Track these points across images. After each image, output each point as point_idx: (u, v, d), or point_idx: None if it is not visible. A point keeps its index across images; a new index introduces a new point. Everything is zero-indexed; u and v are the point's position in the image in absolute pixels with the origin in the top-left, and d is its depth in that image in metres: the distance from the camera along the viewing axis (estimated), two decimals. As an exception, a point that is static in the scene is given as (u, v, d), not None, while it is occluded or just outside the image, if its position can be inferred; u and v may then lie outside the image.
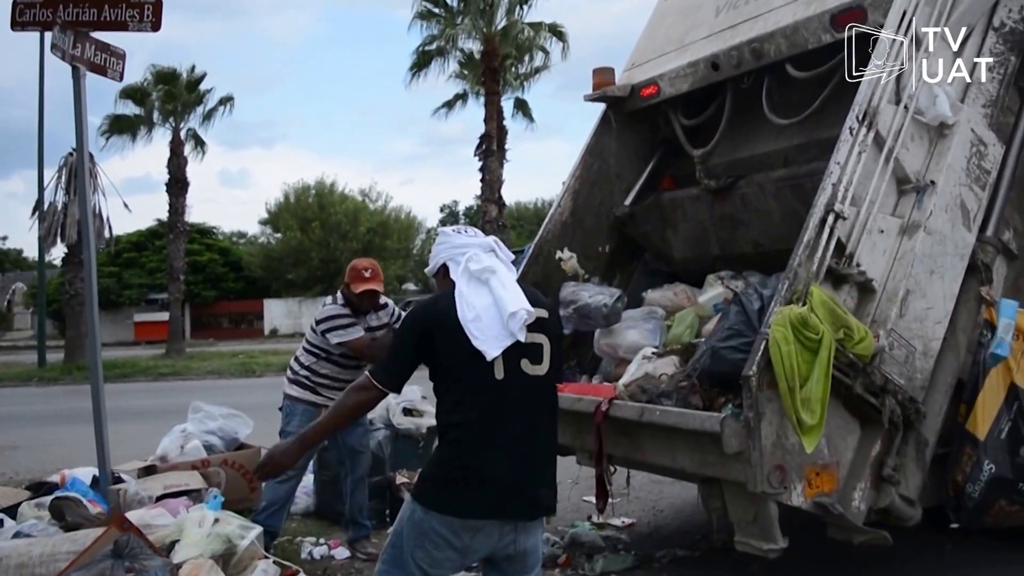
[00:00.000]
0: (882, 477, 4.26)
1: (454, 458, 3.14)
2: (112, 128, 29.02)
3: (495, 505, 3.09)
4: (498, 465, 3.09)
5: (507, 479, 3.09)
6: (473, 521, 3.09)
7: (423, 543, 3.11)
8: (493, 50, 25.59)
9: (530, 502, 3.17)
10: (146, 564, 3.56)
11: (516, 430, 3.15)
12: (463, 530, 3.10)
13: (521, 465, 3.13)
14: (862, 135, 4.37)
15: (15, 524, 4.75)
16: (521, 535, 3.18)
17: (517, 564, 3.24)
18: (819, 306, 3.98)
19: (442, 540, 3.10)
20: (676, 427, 4.34)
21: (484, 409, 3.12)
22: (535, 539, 3.26)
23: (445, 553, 3.12)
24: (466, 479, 3.09)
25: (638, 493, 7.65)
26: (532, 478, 3.17)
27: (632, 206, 6.61)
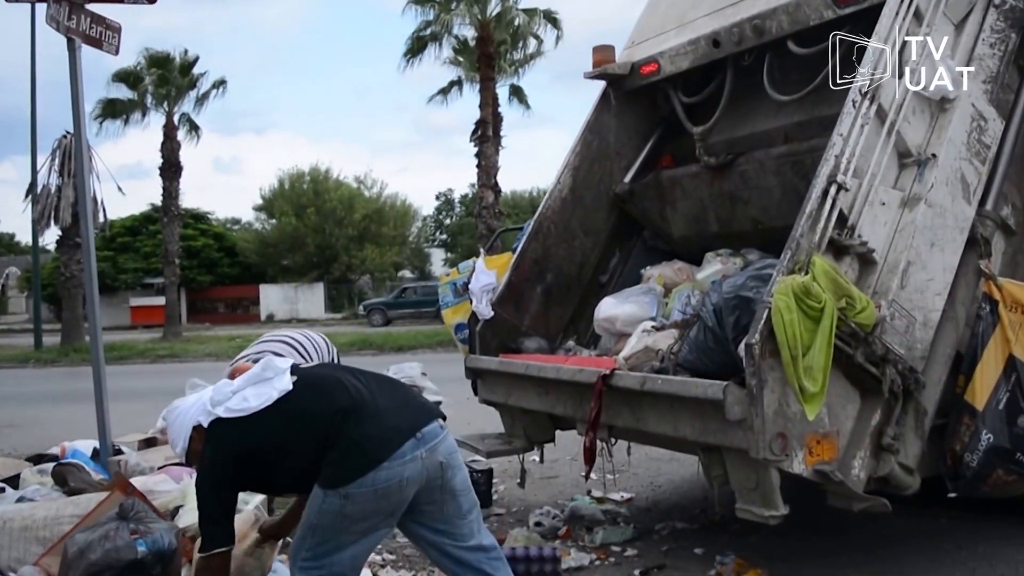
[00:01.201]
0: (881, 446, 4.28)
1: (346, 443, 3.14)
2: (105, 112, 29.03)
3: (399, 429, 3.16)
4: (378, 411, 3.20)
5: (390, 413, 3.21)
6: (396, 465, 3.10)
7: (351, 524, 3.14)
8: (488, 36, 25.56)
9: (418, 411, 3.30)
10: (151, 527, 3.57)
11: (358, 381, 3.31)
12: (391, 493, 3.12)
13: (391, 401, 3.28)
14: (864, 108, 4.39)
15: (18, 491, 4.76)
16: (447, 471, 3.26)
17: (451, 505, 3.31)
18: (821, 275, 4.00)
19: (371, 512, 3.14)
20: (678, 395, 4.38)
21: (323, 399, 3.22)
22: (463, 475, 3.36)
23: (376, 519, 3.18)
24: (364, 434, 3.14)
25: (636, 469, 7.71)
26: (405, 402, 3.34)
27: (631, 183, 6.63)
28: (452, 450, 3.33)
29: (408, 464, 3.13)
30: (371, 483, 3.08)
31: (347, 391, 3.24)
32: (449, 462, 3.28)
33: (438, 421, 3.31)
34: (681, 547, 5.50)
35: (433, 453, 3.20)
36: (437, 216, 65.65)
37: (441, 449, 3.24)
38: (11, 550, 3.90)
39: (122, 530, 3.50)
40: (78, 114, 5.93)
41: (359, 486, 3.07)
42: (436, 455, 3.22)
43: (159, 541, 3.50)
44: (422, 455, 3.16)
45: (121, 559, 3.40)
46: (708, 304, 4.66)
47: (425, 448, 3.18)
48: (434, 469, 3.21)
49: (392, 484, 3.11)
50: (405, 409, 3.29)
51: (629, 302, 5.90)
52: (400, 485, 3.13)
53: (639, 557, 5.36)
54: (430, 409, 3.39)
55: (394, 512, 3.22)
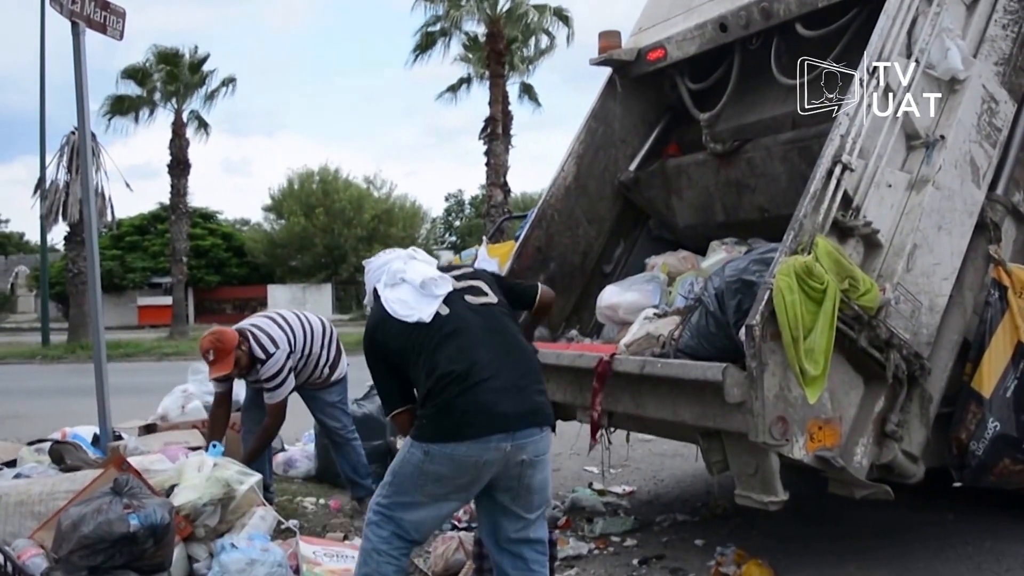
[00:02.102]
0: (885, 433, 4.22)
1: (445, 396, 3.24)
2: (114, 109, 28.93)
3: (496, 420, 3.22)
4: (490, 385, 3.24)
5: (501, 393, 3.24)
6: (476, 447, 3.19)
7: (426, 482, 3.26)
8: (498, 32, 25.50)
9: (529, 410, 3.31)
10: (145, 502, 3.55)
11: (495, 349, 3.34)
12: (467, 468, 3.22)
13: (512, 379, 3.30)
14: (871, 87, 4.33)
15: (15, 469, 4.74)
16: (528, 469, 3.31)
17: (522, 500, 3.38)
18: (824, 256, 3.94)
19: (446, 480, 3.25)
20: (677, 378, 4.32)
21: (450, 350, 3.30)
22: (543, 476, 3.41)
23: (448, 489, 3.29)
24: (462, 405, 3.21)
25: (639, 464, 7.68)
26: (521, 390, 3.32)
27: (636, 172, 6.57)
28: (540, 452, 3.36)
29: (490, 450, 3.21)
30: (450, 451, 3.20)
31: (476, 356, 3.30)
32: (532, 461, 3.32)
33: (541, 428, 3.36)
34: (681, 538, 5.45)
35: (519, 450, 3.27)
36: (447, 218, 65.66)
37: (529, 448, 3.30)
38: (7, 524, 3.91)
39: (115, 504, 3.47)
40: (82, 99, 5.89)
41: (441, 449, 3.20)
42: (521, 452, 3.28)
43: (152, 516, 3.47)
44: (507, 447, 3.24)
45: (113, 532, 3.37)
46: (710, 288, 4.59)
47: (512, 443, 3.25)
48: (515, 463, 3.29)
49: (469, 461, 3.21)
50: (517, 401, 3.30)
51: (632, 290, 5.84)
52: (476, 464, 3.22)
53: (638, 547, 5.31)
54: (539, 413, 3.38)
55: (468, 487, 3.31)
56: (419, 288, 3.45)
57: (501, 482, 3.34)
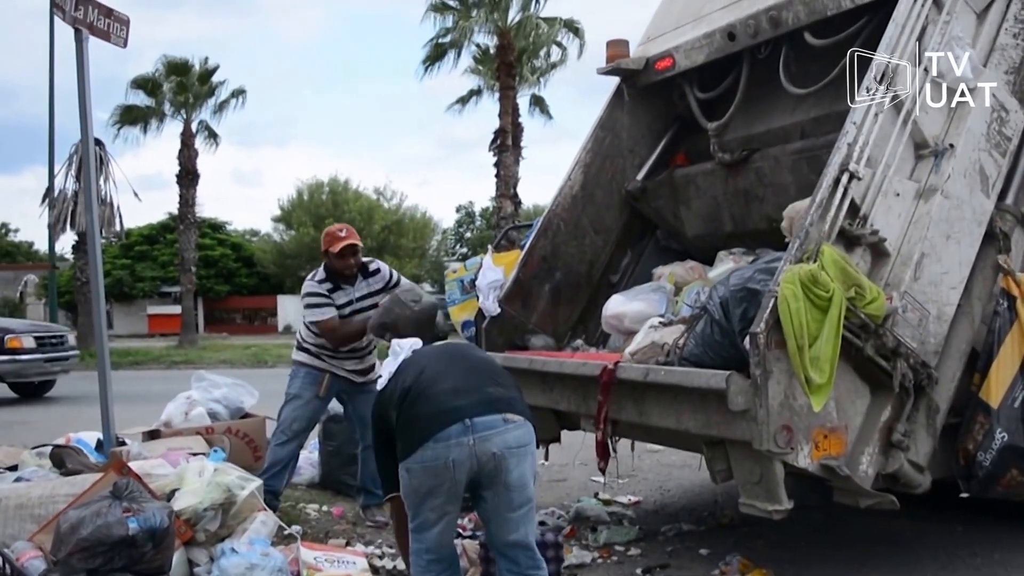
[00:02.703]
0: (891, 442, 4.17)
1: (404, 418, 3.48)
2: (123, 119, 29.07)
3: (445, 412, 3.37)
4: (436, 393, 3.46)
5: (447, 395, 3.45)
6: (441, 447, 3.32)
7: (420, 500, 3.43)
8: (508, 44, 25.57)
9: (479, 400, 3.45)
10: (144, 506, 3.53)
11: (439, 365, 3.64)
12: (437, 472, 3.35)
13: (456, 383, 3.52)
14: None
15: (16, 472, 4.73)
16: (502, 463, 3.39)
17: (502, 498, 3.46)
18: (830, 264, 3.91)
19: (428, 490, 3.39)
20: (681, 386, 4.29)
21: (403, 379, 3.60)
22: (519, 472, 3.46)
23: (437, 500, 3.41)
24: (416, 414, 3.44)
25: (645, 474, 7.66)
26: (472, 386, 3.52)
27: (644, 181, 6.55)
28: (511, 444, 3.43)
29: (453, 447, 3.33)
30: (420, 460, 3.35)
31: (420, 373, 3.56)
32: (504, 455, 3.39)
33: (502, 415, 3.45)
34: (686, 548, 5.41)
35: (485, 443, 3.36)
36: (457, 229, 65.66)
37: (496, 441, 3.38)
38: (6, 527, 3.90)
39: (114, 507, 3.46)
40: (84, 106, 5.87)
41: (413, 461, 3.37)
42: (489, 445, 3.37)
43: (151, 519, 3.46)
44: (470, 442, 3.34)
45: (112, 535, 3.36)
46: (715, 297, 4.56)
47: (475, 436, 3.35)
48: (486, 459, 3.37)
49: (439, 464, 3.33)
50: (468, 396, 3.46)
51: (638, 299, 5.81)
52: (446, 466, 3.33)
53: (643, 557, 5.28)
54: (496, 401, 3.50)
55: (453, 492, 3.41)
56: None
57: (483, 481, 3.43)
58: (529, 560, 3.56)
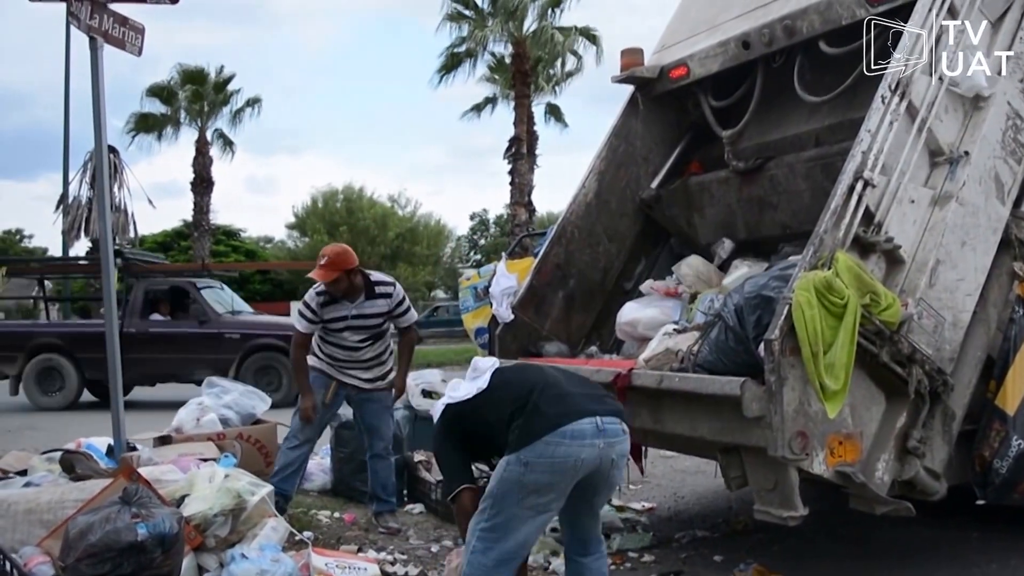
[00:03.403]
0: (907, 449, 4.15)
1: (533, 407, 3.46)
2: (138, 126, 29.20)
3: (583, 409, 3.43)
4: (565, 391, 3.53)
5: (576, 396, 3.52)
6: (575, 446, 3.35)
7: (526, 496, 3.37)
8: (523, 53, 25.60)
9: (607, 405, 3.56)
10: (153, 511, 3.51)
11: (552, 373, 3.70)
12: (565, 470, 3.36)
13: (580, 387, 3.64)
14: (894, 104, 4.28)
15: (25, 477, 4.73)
16: (615, 469, 3.55)
17: (601, 494, 3.66)
18: (845, 271, 3.89)
19: (545, 485, 3.36)
20: (695, 393, 4.27)
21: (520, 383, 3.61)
22: (621, 474, 3.70)
23: (548, 496, 3.40)
24: (551, 406, 3.44)
25: (659, 480, 7.63)
26: (599, 391, 3.70)
27: (658, 189, 6.53)
28: (622, 454, 3.58)
29: (586, 447, 3.37)
30: (548, 455, 3.32)
31: (542, 373, 3.68)
32: (618, 463, 3.55)
33: (621, 424, 3.55)
34: (701, 554, 5.37)
35: (610, 448, 3.46)
36: (471, 237, 65.65)
37: (617, 448, 3.51)
38: (15, 532, 3.89)
39: (123, 513, 3.45)
40: (99, 114, 5.89)
41: (537, 454, 3.32)
42: (611, 451, 3.47)
43: (160, 525, 3.44)
44: (600, 444, 3.41)
45: (121, 541, 3.34)
46: (729, 304, 4.54)
47: (604, 440, 3.43)
48: (606, 463, 3.47)
49: (568, 461, 3.35)
50: (594, 400, 3.56)
51: (652, 306, 5.81)
52: (575, 465, 3.36)
53: (656, 563, 5.24)
54: (616, 409, 3.61)
55: (565, 491, 3.44)
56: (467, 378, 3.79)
57: (590, 482, 3.49)
58: (597, 544, 3.76)
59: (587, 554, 3.74)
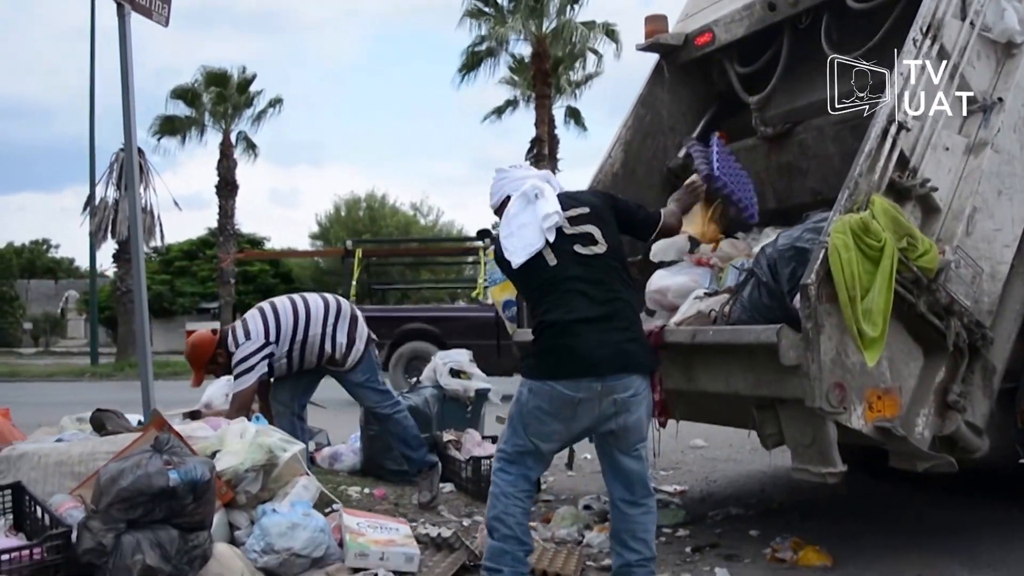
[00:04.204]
0: (947, 404, 4.08)
1: (546, 340, 3.62)
2: (163, 129, 29.36)
3: (585, 364, 3.49)
4: (582, 333, 3.53)
5: (592, 341, 3.52)
6: (570, 386, 3.50)
7: (531, 421, 3.59)
8: (544, 51, 25.55)
9: (616, 356, 3.53)
10: (185, 459, 3.48)
11: (591, 300, 3.59)
12: (564, 404, 3.52)
13: (604, 328, 3.55)
14: (926, 47, 4.21)
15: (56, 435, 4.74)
16: (623, 412, 3.56)
17: (621, 440, 3.64)
18: (881, 214, 3.82)
19: (547, 415, 3.56)
20: (730, 344, 4.21)
21: (554, 298, 3.62)
22: (638, 416, 3.62)
23: (551, 427, 3.59)
24: (558, 348, 3.55)
25: (690, 467, 7.54)
26: (616, 336, 3.57)
27: (685, 158, 6.45)
28: (632, 393, 3.57)
29: (582, 389, 3.50)
30: (548, 389, 3.53)
31: (573, 307, 3.58)
32: (625, 402, 3.55)
33: (632, 375, 3.57)
34: (736, 529, 5.29)
35: (610, 390, 3.52)
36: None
37: (619, 389, 3.54)
38: (46, 484, 3.88)
39: (155, 459, 3.41)
40: (127, 84, 5.89)
41: (540, 385, 3.55)
42: (612, 393, 3.53)
43: (192, 472, 3.40)
44: (598, 388, 3.51)
45: (152, 485, 3.30)
46: (762, 259, 4.47)
47: (603, 384, 3.51)
48: (608, 403, 3.53)
49: (565, 397, 3.52)
50: (604, 349, 3.54)
51: (682, 274, 5.71)
52: (572, 401, 3.52)
53: (691, 538, 5.16)
54: (629, 359, 3.59)
55: (567, 424, 3.58)
56: (539, 225, 3.71)
57: (600, 426, 3.59)
58: (643, 489, 3.73)
59: (634, 504, 3.71)
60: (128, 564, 3.17)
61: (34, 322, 50.99)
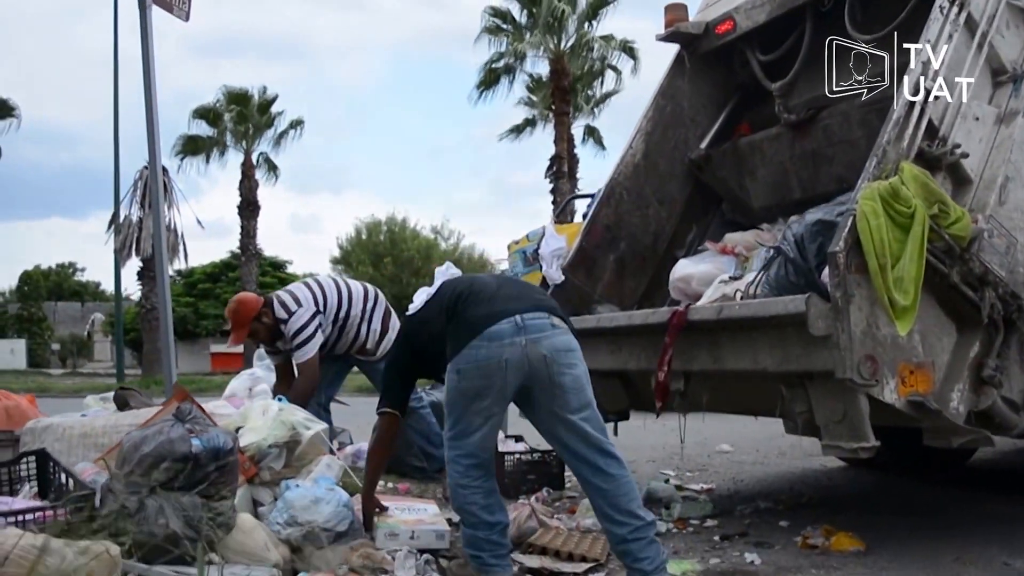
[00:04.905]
0: (982, 379, 3.99)
1: (457, 319, 3.61)
2: (185, 149, 29.55)
3: (498, 308, 3.51)
4: (489, 297, 3.61)
5: (499, 294, 3.62)
6: (494, 346, 3.43)
7: (467, 401, 3.52)
8: (562, 68, 25.57)
9: (527, 302, 3.59)
10: (208, 428, 3.46)
11: (490, 279, 3.81)
12: (493, 371, 3.45)
13: (508, 292, 3.68)
14: (953, 15, 4.15)
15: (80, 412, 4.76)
16: (554, 367, 3.47)
17: (560, 401, 3.51)
18: (911, 180, 3.75)
19: (481, 390, 3.49)
20: (757, 318, 4.13)
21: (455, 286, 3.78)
22: (573, 375, 3.52)
23: (485, 402, 3.51)
24: (471, 313, 3.57)
25: (716, 468, 7.46)
26: (523, 290, 3.77)
27: (708, 150, 6.41)
28: (561, 348, 3.51)
29: (507, 347, 3.43)
30: (473, 359, 3.44)
31: (472, 281, 3.78)
32: (554, 358, 3.47)
33: (550, 317, 3.55)
34: (765, 520, 5.20)
35: (536, 344, 3.45)
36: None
37: (545, 344, 3.47)
38: (70, 455, 3.94)
39: (177, 427, 3.40)
40: (149, 79, 5.96)
41: (465, 360, 3.46)
42: (539, 347, 3.46)
43: (215, 439, 3.38)
44: (522, 342, 3.44)
45: (175, 451, 3.28)
46: (788, 236, 4.41)
47: (526, 337, 3.45)
48: (537, 361, 3.45)
49: (492, 363, 3.43)
50: (518, 300, 3.58)
51: (705, 262, 5.68)
52: (499, 365, 3.43)
53: (719, 528, 5.08)
54: (544, 304, 3.64)
55: (502, 393, 3.51)
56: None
57: (535, 385, 3.50)
58: (607, 458, 3.57)
59: (603, 474, 3.57)
60: (152, 528, 3.13)
61: (61, 343, 51.53)
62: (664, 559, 3.62)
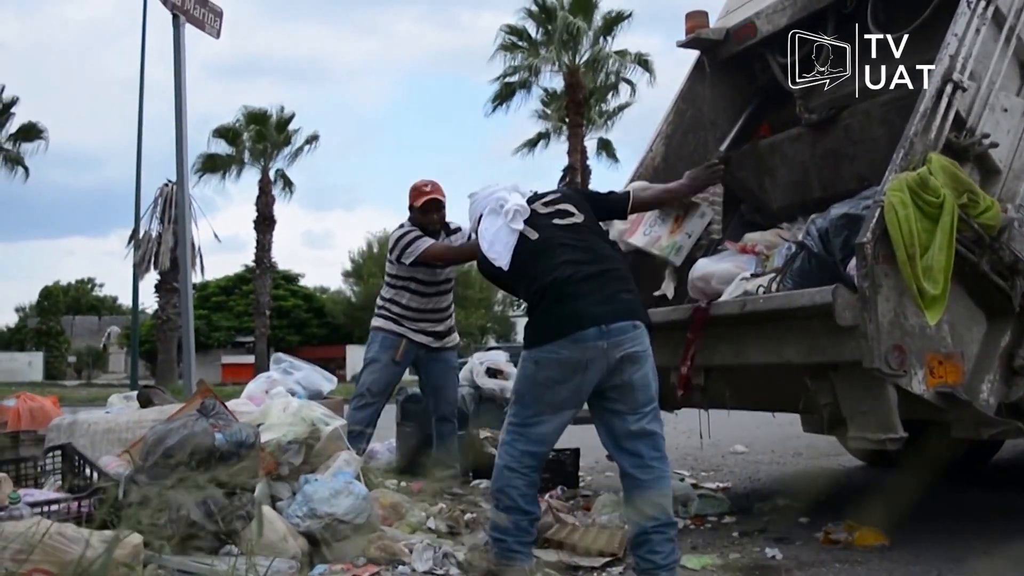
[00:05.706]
0: (1013, 370, 3.95)
1: (545, 302, 3.62)
2: (205, 167, 30.17)
3: (586, 316, 3.49)
4: (579, 289, 3.56)
5: (590, 295, 3.55)
6: (577, 348, 3.46)
7: (542, 392, 3.57)
8: (577, 82, 25.63)
9: (615, 305, 3.57)
10: (231, 423, 3.47)
11: (581, 259, 3.65)
12: (574, 368, 3.49)
13: (600, 281, 3.60)
14: (980, 8, 4.12)
15: (104, 409, 4.77)
16: (627, 365, 3.52)
17: (628, 398, 3.56)
18: (939, 171, 3.71)
19: (557, 384, 3.53)
20: (782, 310, 4.09)
21: (543, 262, 3.67)
22: (643, 373, 3.58)
23: (562, 395, 3.56)
24: (558, 308, 3.56)
25: (732, 468, 7.43)
26: (613, 287, 3.63)
27: (727, 151, 6.37)
28: (637, 347, 3.56)
29: (589, 349, 3.47)
30: (555, 356, 3.51)
31: (565, 269, 3.62)
32: (631, 356, 3.53)
33: (632, 322, 3.57)
34: (784, 518, 5.13)
35: (616, 347, 3.50)
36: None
37: (625, 344, 3.52)
38: (94, 450, 3.92)
39: (201, 421, 3.41)
40: (180, 94, 6.08)
41: (546, 354, 3.53)
42: (618, 349, 3.50)
43: (238, 434, 3.40)
44: (603, 345, 3.48)
45: (199, 445, 3.29)
46: (813, 230, 4.38)
47: (608, 341, 3.48)
48: (615, 360, 3.50)
49: (573, 360, 3.49)
50: (603, 303, 3.56)
51: (726, 260, 5.60)
52: (580, 363, 3.49)
53: (738, 524, 5.05)
54: (628, 309, 3.62)
55: (578, 389, 3.55)
56: (508, 223, 3.81)
57: (606, 382, 3.54)
58: (653, 451, 3.60)
59: (646, 467, 3.60)
60: (174, 518, 3.12)
61: (78, 355, 51.96)
62: (677, 559, 3.65)
